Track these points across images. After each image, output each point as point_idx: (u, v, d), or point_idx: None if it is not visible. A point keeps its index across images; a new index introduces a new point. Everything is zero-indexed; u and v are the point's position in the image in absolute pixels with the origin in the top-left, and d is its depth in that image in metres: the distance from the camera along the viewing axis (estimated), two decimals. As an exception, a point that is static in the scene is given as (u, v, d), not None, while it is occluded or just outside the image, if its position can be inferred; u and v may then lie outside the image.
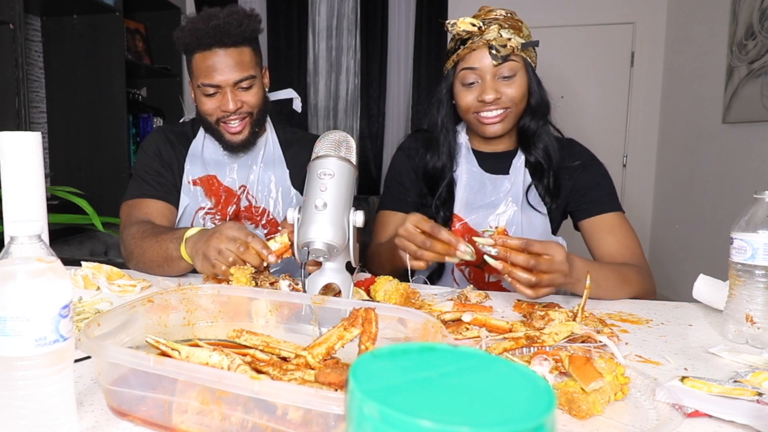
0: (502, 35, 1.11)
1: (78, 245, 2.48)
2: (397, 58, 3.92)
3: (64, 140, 2.93)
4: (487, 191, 1.22)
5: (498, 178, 1.23)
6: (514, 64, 1.13)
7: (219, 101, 1.20)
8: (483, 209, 1.21)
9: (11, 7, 2.16)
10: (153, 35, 3.54)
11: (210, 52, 1.17)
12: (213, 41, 1.15)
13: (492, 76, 1.13)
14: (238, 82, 1.19)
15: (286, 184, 1.33)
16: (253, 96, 1.23)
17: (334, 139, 0.86)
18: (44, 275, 0.45)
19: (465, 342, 0.77)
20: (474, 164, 1.24)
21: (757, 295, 0.76)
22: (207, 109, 1.22)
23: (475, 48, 1.13)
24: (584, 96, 3.86)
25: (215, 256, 0.93)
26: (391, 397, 0.23)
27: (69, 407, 0.48)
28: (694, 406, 0.55)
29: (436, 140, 1.25)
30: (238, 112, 1.21)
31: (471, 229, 1.21)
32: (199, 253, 0.97)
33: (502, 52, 1.11)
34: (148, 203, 1.25)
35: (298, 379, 0.51)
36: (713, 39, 3.07)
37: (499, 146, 1.25)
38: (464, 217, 1.22)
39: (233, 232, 0.93)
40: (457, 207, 1.23)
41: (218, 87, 1.19)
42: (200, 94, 1.21)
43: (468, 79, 1.15)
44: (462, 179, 1.24)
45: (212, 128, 1.26)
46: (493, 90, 1.12)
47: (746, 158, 2.77)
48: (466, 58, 1.15)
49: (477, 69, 1.13)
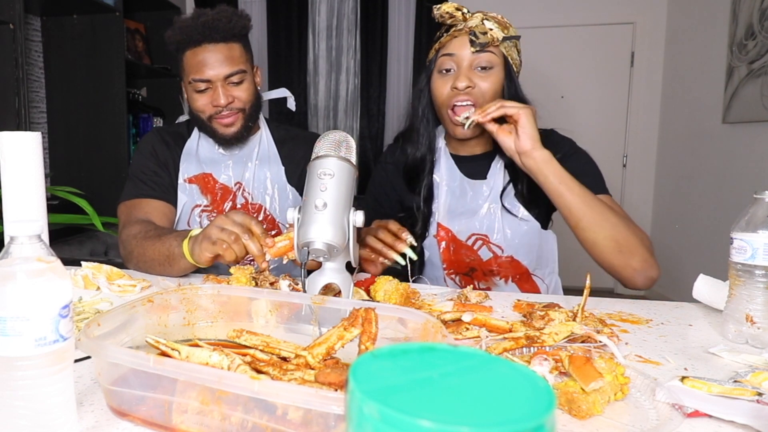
0: (485, 24, 1.10)
1: (78, 245, 2.48)
2: (397, 58, 3.92)
3: (64, 140, 2.93)
4: (468, 197, 1.21)
5: (477, 183, 1.21)
6: (492, 56, 1.11)
7: (210, 97, 1.21)
8: (465, 216, 1.20)
9: (11, 7, 2.17)
10: (153, 35, 3.54)
11: (200, 48, 1.18)
12: (202, 37, 1.17)
13: (469, 65, 1.11)
14: (229, 76, 1.20)
15: (282, 180, 1.34)
16: (243, 91, 1.24)
17: (334, 139, 0.86)
18: (44, 275, 0.45)
19: (465, 342, 0.77)
20: (455, 170, 1.22)
21: (757, 295, 0.76)
22: (199, 106, 1.23)
23: (456, 35, 1.12)
24: (584, 96, 3.87)
25: (217, 234, 0.92)
26: (391, 397, 0.23)
27: (69, 407, 0.48)
28: (694, 406, 0.55)
29: (416, 131, 1.23)
30: (229, 108, 1.22)
31: (455, 238, 1.20)
32: (199, 237, 0.96)
33: (481, 39, 1.09)
34: (147, 203, 1.25)
35: (298, 379, 0.51)
36: (713, 39, 3.07)
37: (477, 148, 1.23)
38: (448, 225, 1.20)
39: (236, 217, 0.93)
40: (441, 215, 1.21)
41: (209, 82, 1.20)
42: (192, 91, 1.22)
43: (445, 65, 1.13)
44: (443, 185, 1.22)
45: (205, 125, 1.26)
46: (466, 78, 1.10)
47: (746, 158, 2.77)
48: (447, 44, 1.13)
49: (455, 56, 1.12)
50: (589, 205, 1.01)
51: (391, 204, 1.30)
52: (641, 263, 1.01)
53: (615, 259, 1.01)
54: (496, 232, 1.18)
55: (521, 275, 1.19)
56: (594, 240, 1.02)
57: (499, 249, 1.18)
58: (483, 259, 1.19)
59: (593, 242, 1.02)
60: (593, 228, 1.01)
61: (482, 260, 1.19)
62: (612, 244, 1.01)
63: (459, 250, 1.20)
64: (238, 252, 0.92)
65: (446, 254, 1.21)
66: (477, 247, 1.20)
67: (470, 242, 1.20)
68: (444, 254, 1.21)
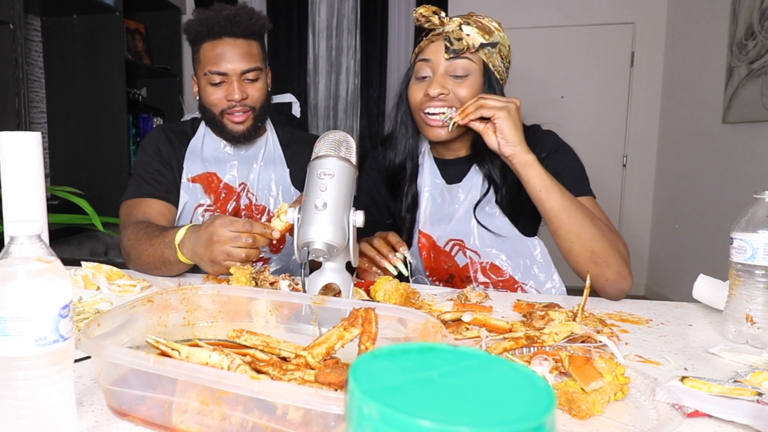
0: (462, 30, 1.07)
1: (78, 245, 2.48)
2: (397, 58, 3.92)
3: (64, 140, 2.94)
4: (446, 202, 1.18)
5: (453, 188, 1.18)
6: (469, 63, 1.07)
7: (225, 91, 1.22)
8: (443, 221, 1.17)
9: (11, 7, 2.17)
10: (153, 35, 3.54)
11: (219, 41, 1.19)
12: (223, 30, 1.18)
13: (444, 72, 1.08)
14: (245, 72, 1.21)
15: (286, 182, 1.34)
16: (257, 90, 1.25)
17: (334, 139, 0.86)
18: (44, 275, 0.45)
19: (465, 342, 0.77)
20: (437, 175, 1.20)
21: (757, 295, 0.76)
22: (212, 100, 1.23)
23: (433, 40, 1.10)
24: (584, 96, 3.86)
25: (225, 259, 0.94)
26: (391, 397, 0.23)
27: (69, 407, 0.48)
28: (694, 406, 0.56)
29: (395, 137, 1.21)
30: (242, 104, 1.23)
31: (435, 244, 1.18)
32: (204, 260, 0.97)
33: (455, 45, 1.06)
34: (147, 203, 1.25)
35: (298, 379, 0.51)
36: (713, 39, 3.07)
37: (461, 151, 1.19)
38: (429, 232, 1.18)
39: (228, 231, 0.94)
40: (422, 221, 1.19)
41: (225, 75, 1.20)
42: (206, 83, 1.23)
43: (421, 72, 1.10)
44: (425, 192, 1.20)
45: (215, 121, 1.26)
46: (439, 85, 1.07)
47: (746, 158, 2.77)
48: (425, 49, 1.11)
49: (430, 62, 1.09)
50: (569, 214, 0.99)
51: (379, 210, 1.28)
52: (614, 275, 1.00)
53: (589, 268, 1.00)
54: (471, 236, 1.15)
55: (504, 282, 1.14)
56: (570, 248, 1.01)
57: (475, 254, 1.15)
58: (459, 265, 1.16)
59: (569, 250, 1.01)
60: (570, 237, 1.00)
61: (459, 266, 1.16)
62: (587, 254, 1.00)
63: (438, 256, 1.18)
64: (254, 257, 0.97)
65: (428, 261, 1.19)
66: (454, 253, 1.17)
67: (448, 248, 1.17)
68: (426, 261, 1.19)
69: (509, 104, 1.00)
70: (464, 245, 1.16)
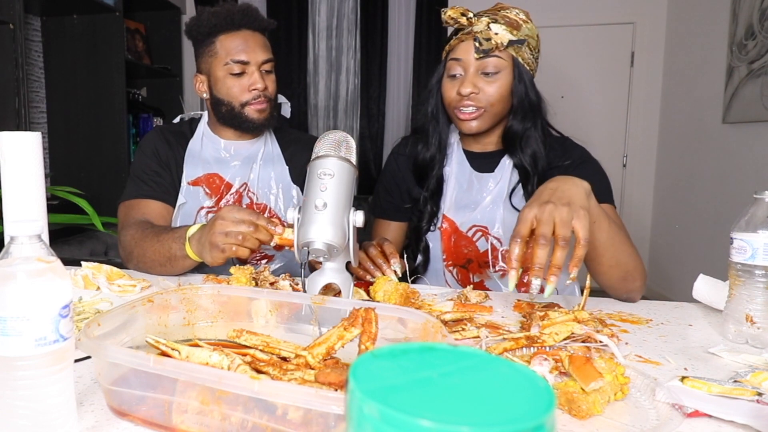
0: (491, 29, 1.09)
1: (78, 245, 2.48)
2: (397, 58, 3.92)
3: (64, 140, 2.94)
4: (473, 189, 1.22)
5: (484, 177, 1.22)
6: (499, 61, 1.10)
7: (247, 81, 1.24)
8: (469, 208, 1.20)
9: (11, 7, 2.17)
10: (153, 35, 3.54)
11: (239, 32, 1.23)
12: (243, 22, 1.23)
13: (475, 70, 1.12)
14: (265, 62, 1.25)
15: (286, 180, 1.34)
16: (272, 82, 1.29)
17: (334, 139, 0.86)
18: (44, 275, 0.45)
19: (465, 342, 0.77)
20: (465, 164, 1.24)
21: (757, 295, 0.76)
22: (235, 92, 1.24)
23: (463, 39, 1.13)
24: (584, 96, 3.86)
25: (223, 241, 0.93)
26: (391, 397, 0.23)
27: (69, 407, 0.48)
28: (694, 406, 0.56)
29: (426, 131, 1.24)
30: (264, 94, 1.25)
31: (458, 229, 1.20)
32: (205, 245, 0.96)
33: (484, 45, 1.09)
34: (145, 203, 1.25)
35: (298, 379, 0.51)
36: (713, 39, 3.07)
37: (489, 146, 1.24)
38: (452, 217, 1.21)
39: (235, 214, 0.93)
40: (446, 206, 1.22)
41: (246, 65, 1.23)
42: (225, 75, 1.23)
43: (452, 71, 1.15)
44: (452, 178, 1.23)
45: (233, 113, 1.26)
46: (471, 84, 1.11)
47: (746, 158, 2.77)
48: (455, 48, 1.15)
49: (461, 61, 1.13)
50: (613, 242, 0.95)
51: (400, 194, 1.31)
52: (639, 287, 1.02)
53: (617, 284, 1.00)
54: (496, 224, 1.18)
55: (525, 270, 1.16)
56: (605, 271, 0.99)
57: (497, 242, 1.18)
58: (480, 251, 1.20)
59: (603, 272, 0.99)
60: (610, 262, 0.98)
61: (479, 251, 1.20)
62: (620, 273, 0.99)
63: (459, 241, 1.21)
64: (252, 246, 0.93)
65: (447, 245, 1.22)
66: (476, 239, 1.20)
67: (470, 234, 1.20)
68: (445, 245, 1.22)
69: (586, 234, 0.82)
70: (488, 231, 1.19)
